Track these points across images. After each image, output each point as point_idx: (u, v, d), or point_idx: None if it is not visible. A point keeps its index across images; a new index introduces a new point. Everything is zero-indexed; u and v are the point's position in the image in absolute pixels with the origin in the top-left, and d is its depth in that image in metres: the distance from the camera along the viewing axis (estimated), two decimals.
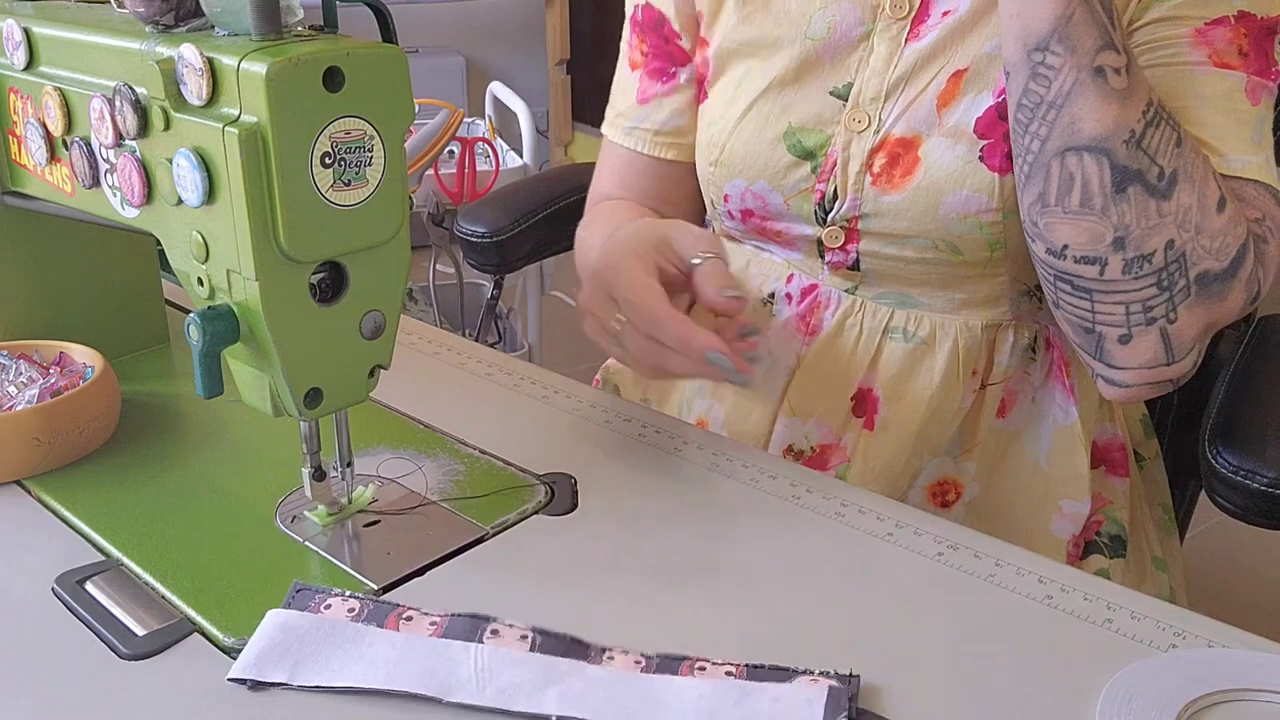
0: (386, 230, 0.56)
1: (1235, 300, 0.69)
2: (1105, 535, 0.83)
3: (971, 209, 0.76)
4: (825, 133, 0.80)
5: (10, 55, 0.65)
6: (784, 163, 0.81)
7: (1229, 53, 0.70)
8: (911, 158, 0.77)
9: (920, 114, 0.77)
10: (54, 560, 0.60)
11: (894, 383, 0.83)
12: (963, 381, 0.82)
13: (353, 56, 0.51)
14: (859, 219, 0.80)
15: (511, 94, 2.61)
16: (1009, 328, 0.82)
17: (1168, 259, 0.67)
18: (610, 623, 0.56)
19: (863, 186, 0.79)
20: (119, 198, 0.60)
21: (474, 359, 0.86)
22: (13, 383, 0.71)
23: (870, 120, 0.78)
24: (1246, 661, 0.52)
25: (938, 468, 0.84)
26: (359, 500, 0.65)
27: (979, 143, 0.75)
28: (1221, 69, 0.70)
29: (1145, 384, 0.72)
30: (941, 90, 0.76)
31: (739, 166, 0.83)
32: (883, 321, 0.83)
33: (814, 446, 0.85)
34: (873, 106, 0.79)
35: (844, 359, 0.84)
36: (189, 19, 0.56)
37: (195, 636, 0.55)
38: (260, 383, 0.58)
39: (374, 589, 0.58)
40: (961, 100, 0.76)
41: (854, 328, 0.84)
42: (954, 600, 0.58)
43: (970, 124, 0.75)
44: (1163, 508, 0.91)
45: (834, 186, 0.80)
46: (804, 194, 0.81)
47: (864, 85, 0.79)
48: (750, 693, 0.50)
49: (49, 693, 0.51)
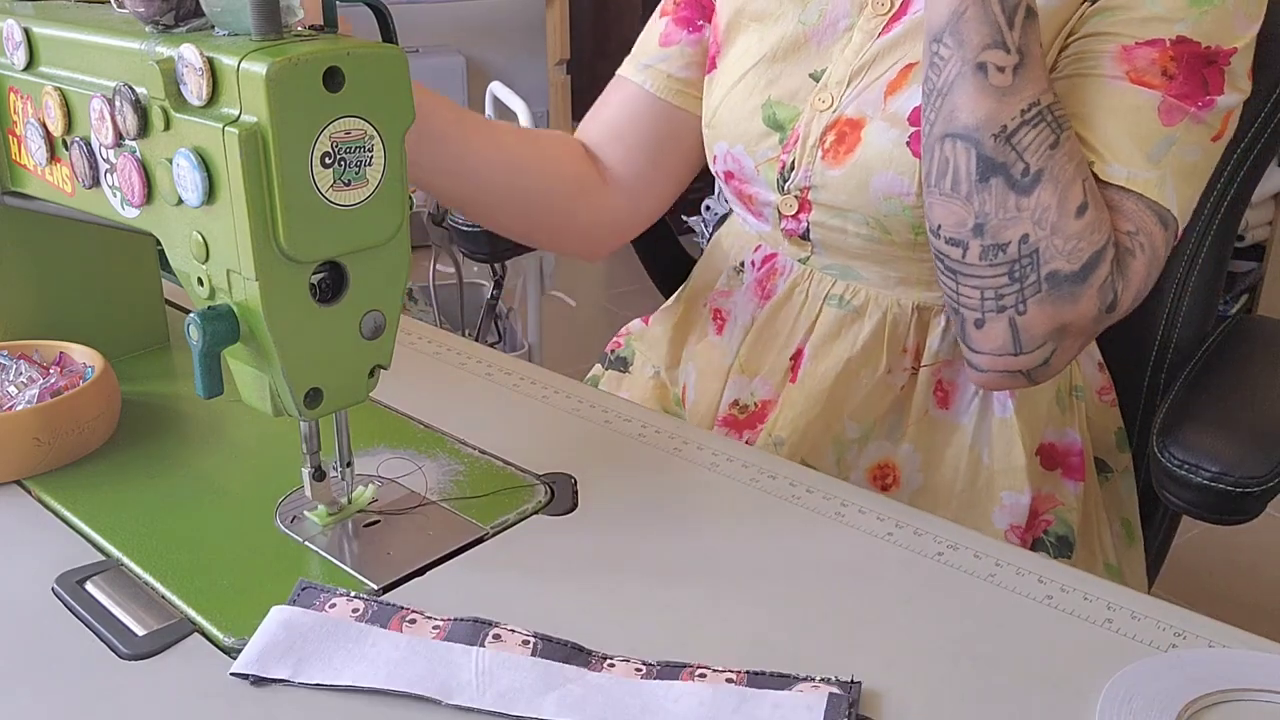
0: (386, 230, 0.56)
1: (1087, 305, 0.71)
2: (1052, 535, 0.85)
3: (895, 191, 0.80)
4: (796, 109, 0.86)
5: (10, 55, 0.65)
6: (758, 131, 0.88)
7: (1150, 72, 0.72)
8: (855, 137, 0.82)
9: (870, 98, 0.82)
10: (54, 560, 0.60)
11: (820, 342, 0.88)
12: (887, 355, 0.86)
13: (353, 56, 0.51)
14: (809, 189, 0.85)
15: (511, 94, 2.61)
16: (940, 312, 0.86)
17: (1021, 252, 0.70)
18: (610, 623, 0.56)
19: (815, 160, 0.84)
20: (119, 198, 0.60)
21: (474, 359, 0.86)
22: (13, 383, 0.71)
23: (833, 100, 0.84)
24: (1246, 661, 0.52)
25: (877, 450, 0.87)
26: (359, 500, 0.65)
27: (909, 129, 0.79)
28: (1136, 85, 0.72)
29: (997, 371, 0.75)
30: (892, 79, 0.81)
31: (724, 129, 0.90)
32: (825, 289, 0.89)
33: (757, 402, 0.91)
34: (837, 89, 0.84)
35: (790, 323, 0.91)
36: (189, 19, 0.56)
37: (195, 636, 0.55)
38: (260, 383, 0.58)
39: (374, 589, 0.58)
40: (907, 90, 0.80)
41: (801, 294, 0.90)
42: (954, 600, 0.58)
43: (907, 111, 0.80)
44: (1122, 521, 0.92)
45: (793, 157, 0.86)
46: (770, 162, 0.87)
47: (834, 69, 0.85)
48: (750, 699, 0.50)
49: (49, 693, 0.51)
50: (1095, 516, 0.89)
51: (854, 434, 0.87)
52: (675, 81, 0.95)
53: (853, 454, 0.87)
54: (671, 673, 0.52)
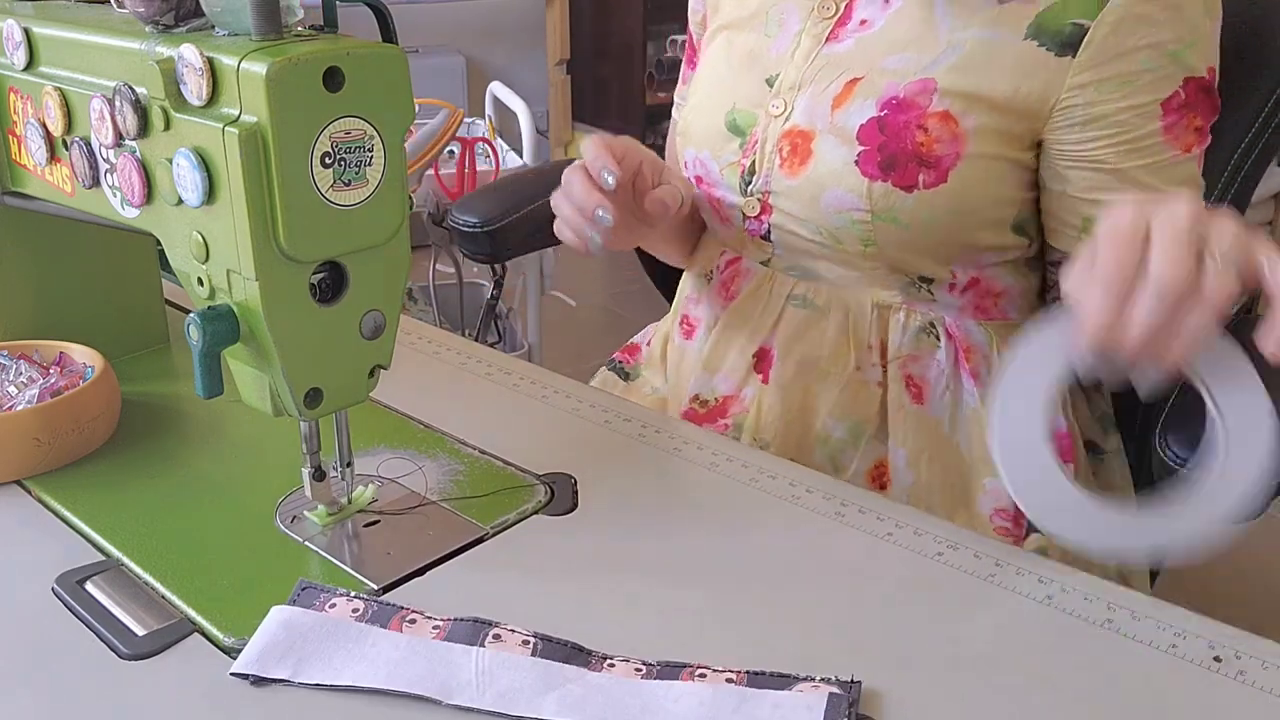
0: (386, 230, 0.56)
1: None
2: None
3: (845, 206, 0.83)
4: (755, 114, 0.89)
5: (10, 55, 0.65)
6: (722, 137, 0.91)
7: (1189, 133, 0.79)
8: (806, 149, 0.85)
9: (818, 110, 0.84)
10: (54, 560, 0.60)
11: (788, 343, 0.91)
12: (854, 353, 0.88)
13: (353, 56, 0.51)
14: (770, 194, 0.88)
15: (511, 94, 2.61)
16: (899, 310, 0.88)
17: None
18: (610, 622, 0.56)
19: (773, 167, 0.87)
20: (119, 198, 0.60)
21: (474, 359, 0.86)
22: (13, 383, 0.71)
23: (785, 106, 0.87)
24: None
25: (872, 451, 0.89)
26: (359, 500, 0.65)
27: (858, 148, 0.82)
28: (1186, 154, 0.80)
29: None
30: (838, 93, 0.84)
31: (692, 137, 0.94)
32: (787, 290, 0.91)
33: (718, 398, 0.94)
34: (789, 94, 0.87)
35: (751, 320, 0.93)
36: (189, 19, 0.56)
37: (195, 636, 0.55)
38: (260, 383, 0.58)
39: (374, 589, 0.58)
40: (851, 105, 0.83)
41: (764, 294, 0.93)
42: (954, 600, 0.58)
43: (854, 129, 0.82)
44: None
45: (753, 161, 0.88)
46: (732, 166, 0.90)
47: (786, 74, 0.88)
48: (750, 699, 0.50)
49: (49, 693, 0.51)
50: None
51: (841, 434, 0.89)
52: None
53: (847, 456, 0.89)
54: (671, 673, 0.52)
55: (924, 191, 0.80)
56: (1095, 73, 0.77)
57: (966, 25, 0.81)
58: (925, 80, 0.80)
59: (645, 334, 1.10)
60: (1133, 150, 0.79)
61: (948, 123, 0.80)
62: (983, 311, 0.88)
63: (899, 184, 0.80)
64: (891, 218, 0.81)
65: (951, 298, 0.87)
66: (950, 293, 0.87)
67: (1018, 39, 0.79)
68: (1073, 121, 0.79)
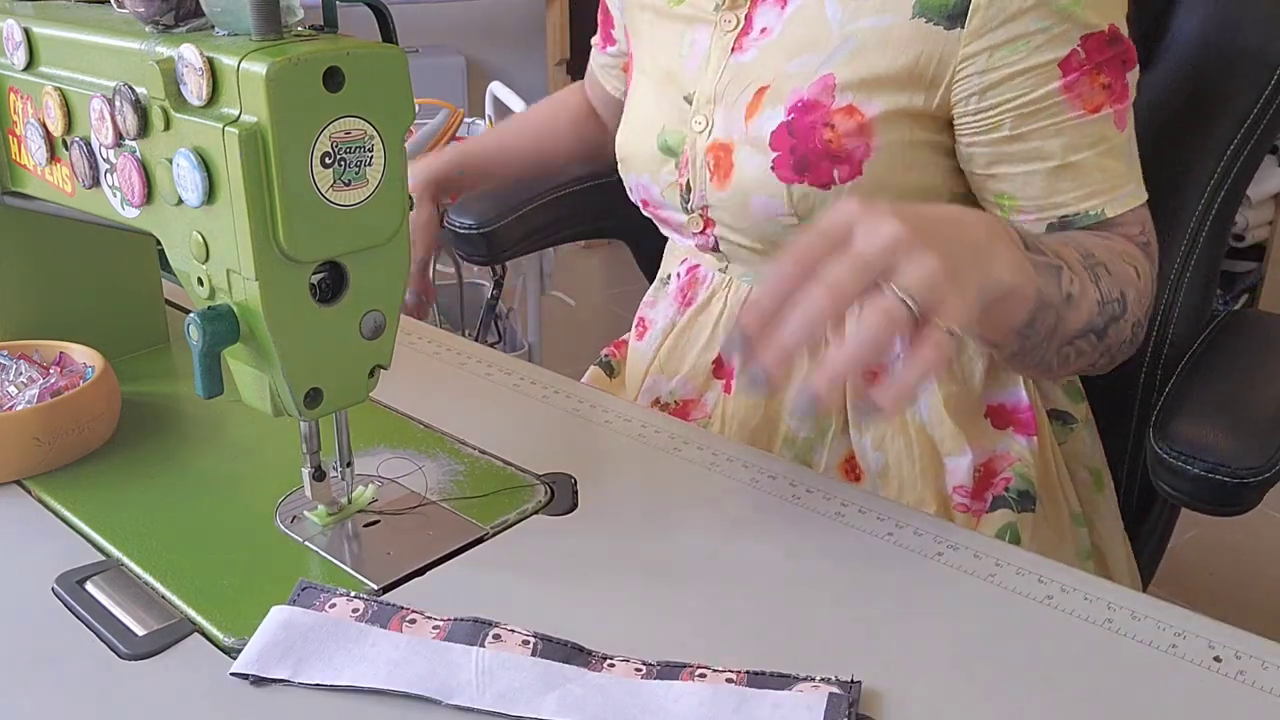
0: (386, 230, 0.56)
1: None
2: (1013, 491, 0.87)
3: (772, 213, 0.84)
4: (682, 133, 0.90)
5: (10, 55, 0.65)
6: (656, 159, 0.93)
7: (1094, 93, 0.77)
8: (729, 161, 0.86)
9: (734, 122, 0.86)
10: (54, 560, 0.60)
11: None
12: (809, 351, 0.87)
13: (353, 56, 0.51)
14: (708, 208, 0.89)
15: (511, 94, 2.61)
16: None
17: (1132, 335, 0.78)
18: (610, 622, 0.56)
19: (704, 181, 0.88)
20: (119, 198, 0.60)
21: (474, 359, 0.86)
22: (13, 383, 0.71)
23: (707, 122, 0.88)
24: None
25: (840, 445, 0.90)
26: (359, 500, 0.65)
27: (771, 154, 0.83)
28: (1094, 114, 0.77)
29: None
30: (749, 103, 0.85)
31: (631, 163, 0.96)
32: (742, 296, 0.93)
33: (678, 400, 0.96)
34: (707, 109, 0.88)
35: (709, 327, 0.95)
36: (189, 19, 0.56)
37: (195, 636, 0.55)
38: (260, 383, 0.58)
39: (374, 589, 0.58)
40: (762, 114, 0.84)
41: (720, 301, 0.95)
42: (954, 600, 0.58)
43: (766, 136, 0.83)
44: (1089, 470, 0.95)
45: (688, 179, 0.90)
46: (671, 186, 0.92)
47: (701, 90, 0.89)
48: (750, 699, 0.50)
49: (49, 693, 0.51)
50: (1055, 468, 0.91)
51: (806, 432, 0.90)
52: (602, 70, 1.14)
53: (816, 454, 0.90)
54: (671, 673, 0.52)
55: (841, 186, 0.81)
56: (987, 40, 0.76)
57: (855, 17, 0.81)
58: (825, 77, 0.81)
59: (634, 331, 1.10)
60: (1031, 114, 0.78)
61: (853, 115, 0.80)
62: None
63: (815, 183, 0.81)
64: (817, 217, 0.80)
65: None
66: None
67: (906, 19, 0.79)
68: (970, 92, 0.78)
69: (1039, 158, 0.78)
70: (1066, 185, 0.79)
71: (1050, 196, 0.79)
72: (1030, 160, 0.79)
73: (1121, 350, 0.78)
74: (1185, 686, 0.51)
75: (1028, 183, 0.80)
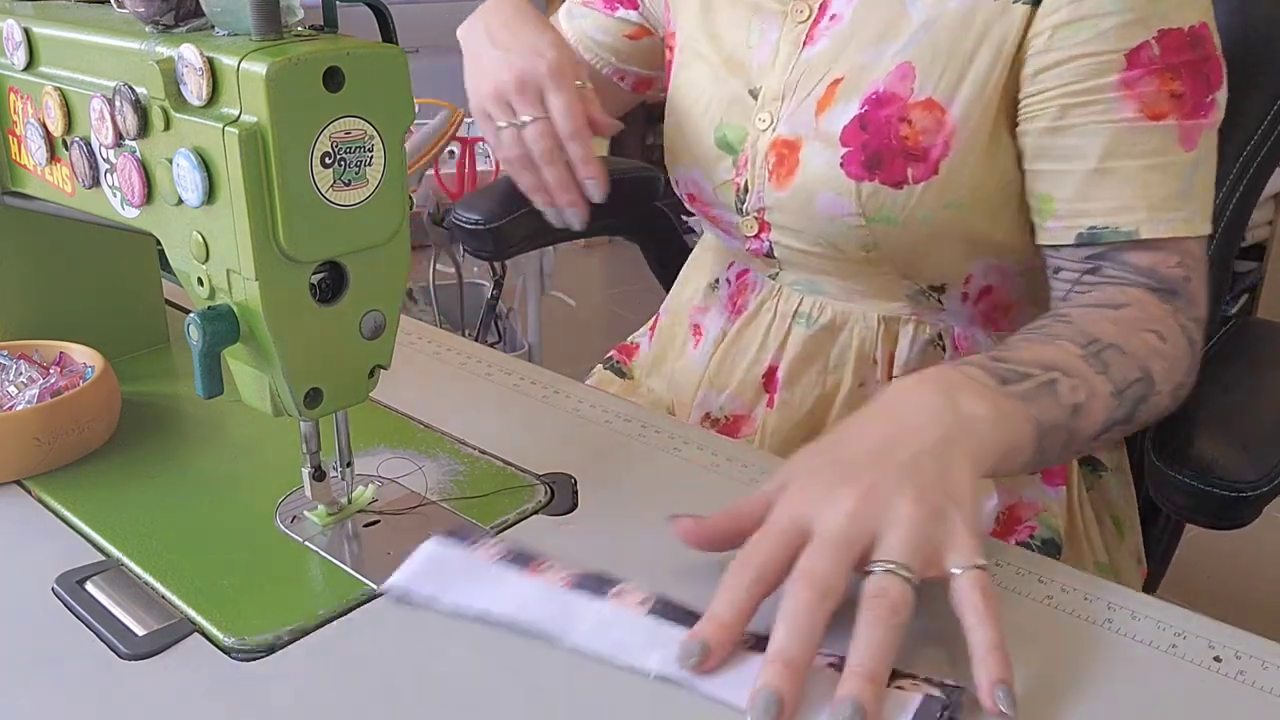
0: (386, 230, 0.56)
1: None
2: (1037, 539, 0.85)
3: (838, 212, 0.79)
4: (744, 129, 0.85)
5: (10, 55, 0.65)
6: (713, 155, 0.87)
7: (1159, 100, 0.70)
8: (794, 158, 0.81)
9: (803, 117, 0.81)
10: (54, 560, 0.60)
11: (794, 364, 0.88)
12: (859, 369, 0.86)
13: (353, 56, 0.51)
14: (765, 210, 0.85)
15: None
16: (908, 322, 0.85)
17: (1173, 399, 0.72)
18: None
19: (764, 181, 0.83)
20: (119, 198, 0.60)
21: (474, 359, 0.86)
22: (13, 383, 0.71)
23: (771, 119, 0.83)
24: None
25: None
26: (359, 500, 0.65)
27: (841, 150, 0.78)
28: (1153, 122, 0.70)
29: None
30: (820, 97, 0.80)
31: (681, 154, 0.90)
32: (793, 306, 0.89)
33: (728, 415, 0.92)
34: (773, 105, 0.83)
35: (759, 339, 0.91)
36: (189, 19, 0.56)
37: (195, 636, 0.55)
38: (260, 383, 0.58)
39: (374, 589, 0.58)
40: (835, 107, 0.79)
41: (769, 311, 0.90)
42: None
43: (837, 131, 0.78)
44: (1113, 519, 0.92)
45: (746, 180, 0.85)
46: (726, 185, 0.87)
47: (768, 85, 0.84)
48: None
49: (49, 693, 0.51)
50: (1082, 517, 0.89)
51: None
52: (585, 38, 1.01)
53: None
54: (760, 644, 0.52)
55: (914, 187, 0.76)
56: (1055, 17, 0.70)
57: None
58: (902, 66, 0.75)
59: (643, 333, 1.09)
60: (1076, 105, 0.71)
61: (932, 110, 0.74)
62: (992, 323, 0.86)
63: (886, 181, 0.76)
64: (885, 218, 0.78)
65: (963, 308, 0.84)
66: (963, 303, 0.84)
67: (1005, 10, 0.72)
68: (1027, 74, 0.72)
69: (1077, 156, 0.72)
70: (1098, 193, 0.72)
71: (1080, 202, 0.73)
72: (1069, 158, 0.72)
73: (1166, 412, 0.72)
74: (1185, 686, 0.51)
75: (1062, 182, 0.73)
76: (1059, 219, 0.74)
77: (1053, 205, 0.74)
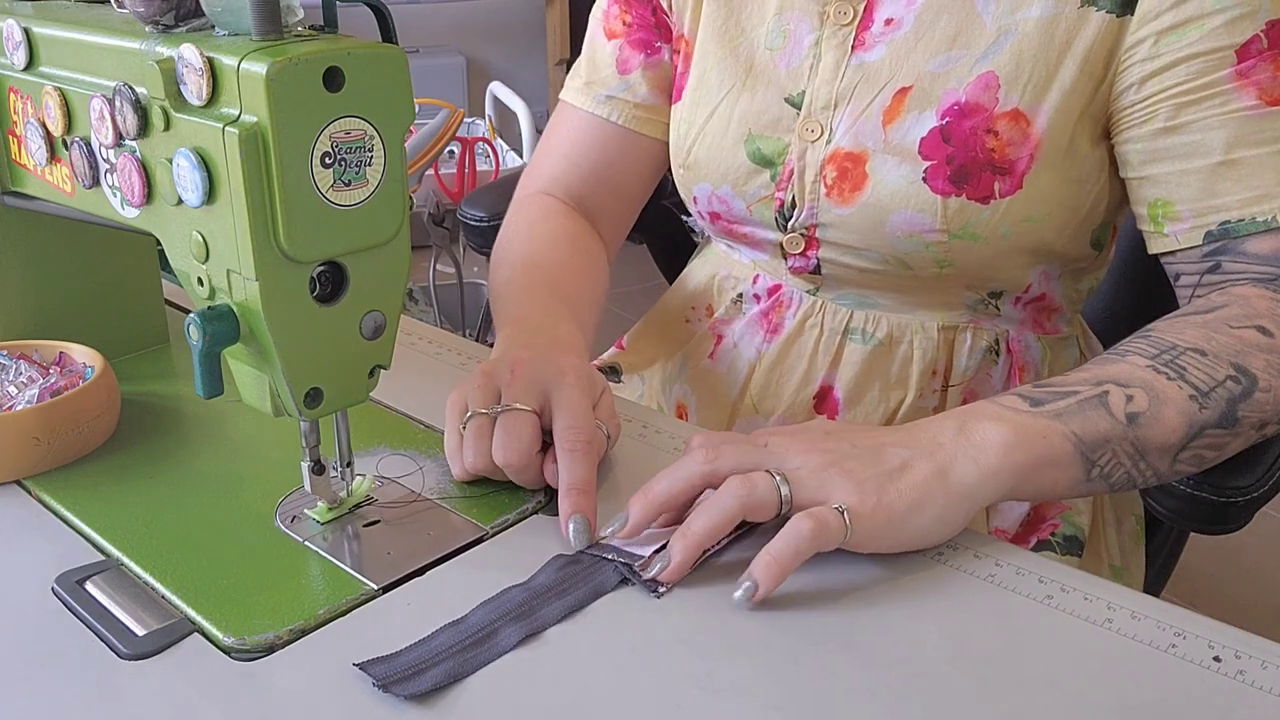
0: (387, 230, 0.56)
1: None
2: (1059, 536, 0.84)
3: (916, 229, 0.76)
4: (783, 140, 0.81)
5: (10, 55, 0.65)
6: (745, 169, 0.83)
7: (1278, 84, 0.68)
8: (860, 173, 0.77)
9: (867, 129, 0.77)
10: (54, 560, 0.60)
11: (854, 383, 0.85)
12: (920, 382, 0.84)
13: (353, 56, 0.51)
14: (816, 227, 0.81)
15: (511, 94, 2.61)
16: (966, 330, 0.84)
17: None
18: (610, 622, 0.56)
19: (818, 197, 0.80)
20: (119, 198, 0.60)
21: (474, 359, 0.86)
22: (13, 383, 0.71)
23: (822, 129, 0.79)
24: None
25: None
26: (358, 491, 0.65)
27: (922, 164, 0.75)
28: (1275, 106, 0.68)
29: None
30: (887, 106, 0.77)
31: (704, 170, 0.85)
32: (843, 322, 0.85)
33: None
34: (824, 115, 0.79)
35: (805, 358, 0.86)
36: (189, 19, 0.56)
37: (195, 636, 0.55)
38: (260, 383, 0.58)
39: (374, 589, 0.58)
40: (906, 118, 0.76)
41: (814, 328, 0.86)
42: (954, 600, 0.58)
43: (915, 144, 0.75)
44: (1135, 518, 0.91)
45: (792, 195, 0.81)
46: (764, 201, 0.82)
47: (815, 94, 0.80)
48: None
49: (49, 693, 0.51)
50: (1102, 518, 0.88)
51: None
52: (643, 110, 0.91)
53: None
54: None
55: (1000, 201, 0.74)
56: (1156, 23, 0.69)
57: (1015, 6, 0.73)
58: (985, 75, 0.73)
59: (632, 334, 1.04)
60: (1193, 102, 0.69)
61: (1019, 122, 0.73)
62: (1039, 325, 0.85)
63: (974, 197, 0.74)
64: (970, 234, 0.75)
65: (1016, 311, 0.83)
66: (1016, 306, 0.83)
67: (1074, 7, 0.71)
68: (1130, 83, 0.71)
69: (1198, 153, 0.70)
70: (1229, 186, 0.69)
71: (1209, 199, 0.70)
72: (1189, 155, 0.70)
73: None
74: (1185, 686, 0.51)
75: (1183, 182, 0.71)
76: (1182, 221, 0.72)
77: (1172, 208, 0.72)
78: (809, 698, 0.51)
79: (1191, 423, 0.64)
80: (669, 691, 0.51)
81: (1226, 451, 0.67)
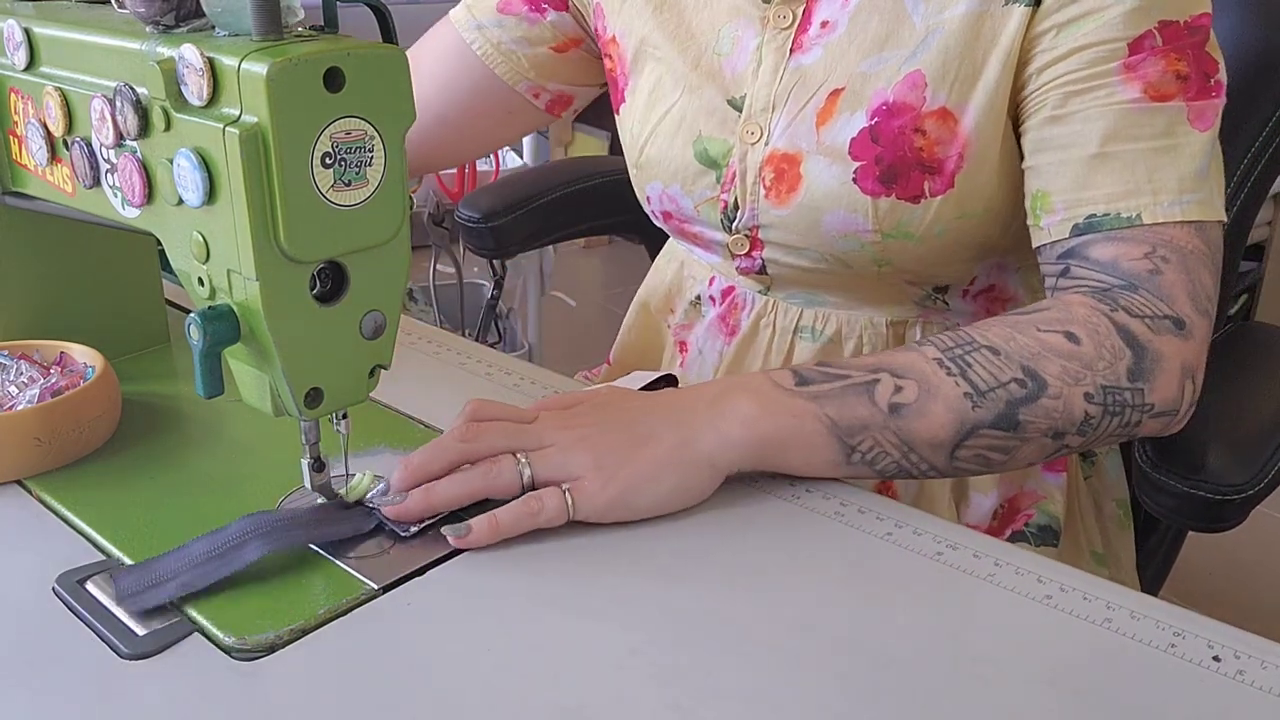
0: (387, 230, 0.56)
1: (1179, 355, 0.68)
2: (1033, 526, 0.84)
3: (850, 229, 0.77)
4: (728, 142, 0.81)
5: (11, 55, 0.65)
6: (693, 170, 0.83)
7: (1165, 81, 0.68)
8: (795, 174, 0.78)
9: (802, 130, 0.78)
10: (54, 560, 0.60)
11: None
12: None
13: (353, 57, 0.51)
14: (758, 229, 0.81)
15: None
16: (916, 325, 0.84)
17: (1099, 404, 0.65)
18: (609, 622, 0.56)
19: (758, 198, 0.80)
20: (119, 198, 0.61)
21: (474, 359, 0.86)
22: (13, 383, 0.71)
23: (761, 131, 0.80)
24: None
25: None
26: (357, 488, 0.65)
27: (852, 164, 0.75)
28: (1158, 103, 0.68)
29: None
30: (821, 108, 0.77)
31: (655, 169, 0.86)
32: (793, 321, 0.86)
33: None
34: (762, 117, 0.80)
35: (760, 357, 0.88)
36: (189, 19, 0.56)
37: (195, 636, 0.55)
38: (260, 383, 0.58)
39: (374, 589, 0.58)
40: (838, 119, 0.76)
41: (768, 327, 0.87)
42: (954, 600, 0.58)
43: (845, 145, 0.76)
44: (1116, 503, 0.92)
45: (735, 196, 0.82)
46: (710, 202, 0.83)
47: (755, 96, 0.80)
48: None
49: (49, 693, 0.51)
50: (1079, 505, 0.88)
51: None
52: (504, 52, 0.93)
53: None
54: None
55: (931, 200, 0.74)
56: (1060, 15, 0.70)
57: (942, 6, 0.73)
58: (912, 75, 0.73)
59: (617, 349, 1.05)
60: (1078, 91, 0.69)
61: (946, 120, 0.73)
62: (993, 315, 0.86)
63: (904, 196, 0.74)
64: (903, 233, 0.76)
65: (966, 303, 0.84)
66: (965, 299, 0.83)
67: (998, 4, 0.71)
68: (1029, 74, 0.71)
69: (1077, 143, 0.69)
70: (1100, 179, 0.69)
71: (1080, 190, 0.70)
72: (1068, 146, 0.70)
73: (1103, 424, 0.66)
74: (1185, 686, 0.51)
75: (1059, 173, 0.70)
76: (1054, 213, 0.71)
77: (1048, 200, 0.72)
78: (809, 698, 0.51)
79: (963, 420, 0.64)
80: (669, 691, 0.51)
81: (1016, 457, 0.66)
